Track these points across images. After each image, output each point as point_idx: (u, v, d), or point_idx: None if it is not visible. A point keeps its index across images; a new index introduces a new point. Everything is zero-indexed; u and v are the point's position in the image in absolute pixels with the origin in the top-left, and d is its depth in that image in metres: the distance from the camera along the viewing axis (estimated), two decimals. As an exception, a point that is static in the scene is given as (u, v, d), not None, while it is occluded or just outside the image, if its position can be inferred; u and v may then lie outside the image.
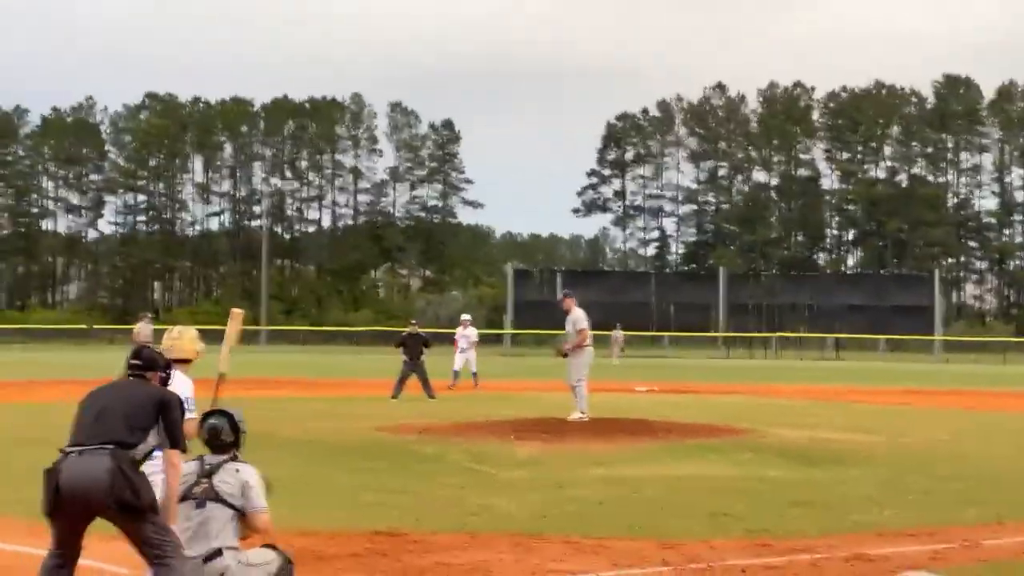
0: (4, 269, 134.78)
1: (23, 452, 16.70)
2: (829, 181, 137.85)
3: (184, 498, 8.08)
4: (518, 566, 9.71)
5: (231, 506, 8.05)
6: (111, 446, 7.47)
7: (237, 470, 8.23)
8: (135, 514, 7.46)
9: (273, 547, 8.25)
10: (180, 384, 8.92)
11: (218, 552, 7.91)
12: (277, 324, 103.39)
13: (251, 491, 8.16)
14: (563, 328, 23.42)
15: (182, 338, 9.48)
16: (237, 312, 10.10)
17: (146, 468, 7.78)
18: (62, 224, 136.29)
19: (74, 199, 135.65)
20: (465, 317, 40.13)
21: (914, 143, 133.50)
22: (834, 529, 11.52)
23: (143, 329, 40.55)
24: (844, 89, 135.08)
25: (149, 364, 8.22)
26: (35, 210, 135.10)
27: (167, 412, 7.85)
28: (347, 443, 19.36)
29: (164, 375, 8.35)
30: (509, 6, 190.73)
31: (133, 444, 7.59)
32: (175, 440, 7.86)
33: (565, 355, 23.17)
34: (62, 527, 7.57)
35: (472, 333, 39.46)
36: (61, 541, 7.60)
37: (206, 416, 8.56)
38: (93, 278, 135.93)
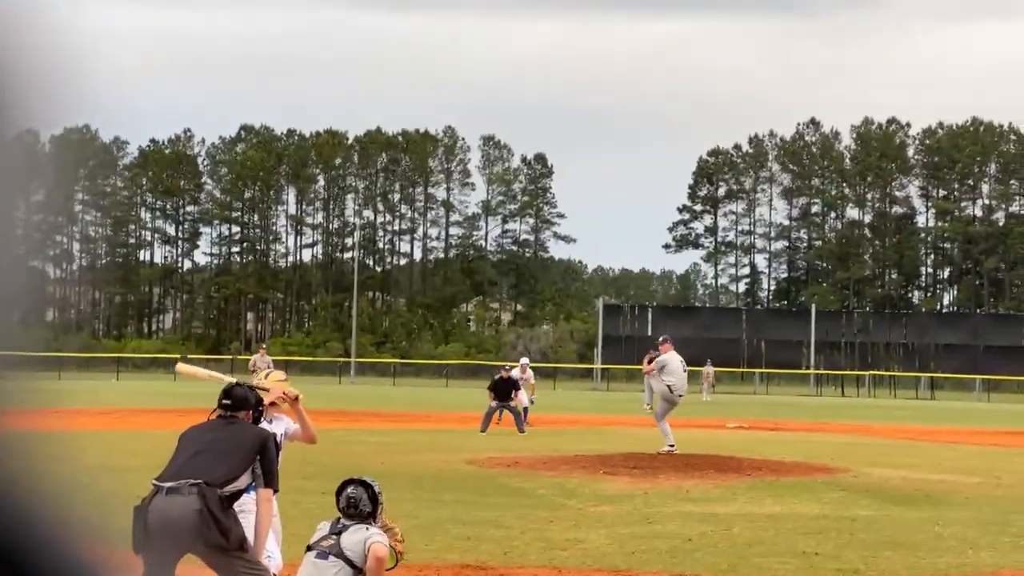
0: (101, 298, 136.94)
1: (112, 479, 16.89)
2: (924, 219, 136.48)
3: (310, 548, 8.19)
4: (606, 602, 9.67)
5: (351, 563, 8.08)
6: (200, 483, 7.54)
7: (367, 528, 8.27)
8: (224, 553, 7.53)
9: None
10: (279, 425, 9.10)
11: None
12: (367, 356, 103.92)
13: (372, 538, 8.18)
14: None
15: (269, 380, 9.55)
16: (180, 366, 9.96)
17: (238, 506, 7.86)
18: (158, 255, 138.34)
19: (171, 230, 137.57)
20: (524, 360, 38.98)
21: (1012, 181, 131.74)
22: (926, 570, 11.37)
23: (259, 362, 40.84)
24: (940, 126, 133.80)
25: (240, 403, 8.27)
26: (132, 240, 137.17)
27: (265, 452, 7.92)
28: (436, 475, 19.41)
29: (256, 413, 8.41)
30: (602, 40, 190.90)
31: (224, 483, 7.64)
32: (269, 478, 7.91)
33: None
34: (152, 562, 7.65)
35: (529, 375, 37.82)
36: (152, 572, 7.68)
37: (344, 485, 8.59)
38: (188, 308, 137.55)
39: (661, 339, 23.80)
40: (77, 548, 3.64)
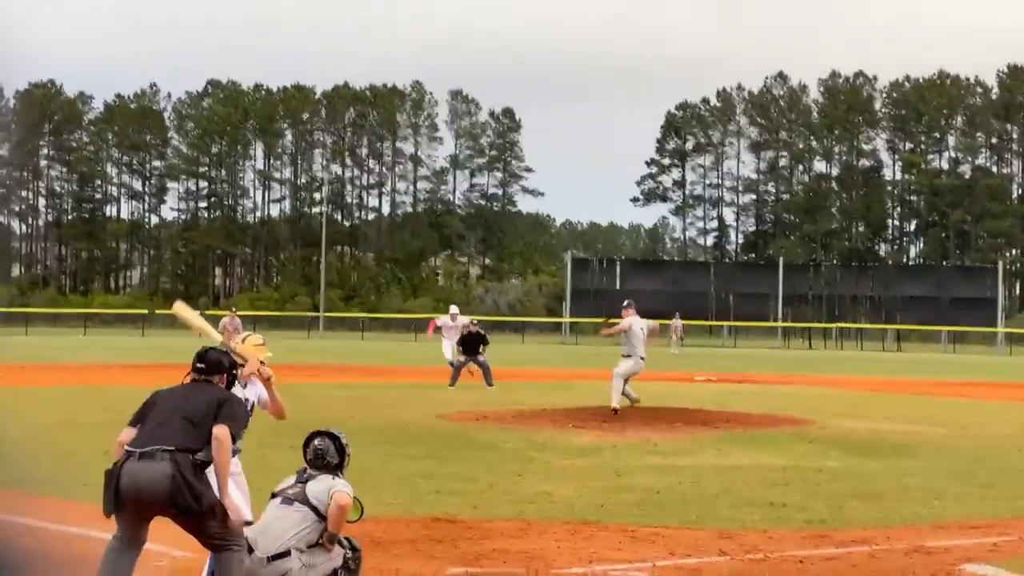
0: (68, 254, 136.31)
1: (85, 435, 16.88)
2: (891, 172, 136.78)
3: (275, 495, 8.25)
4: (575, 554, 9.72)
5: (315, 511, 8.09)
6: (172, 450, 7.52)
7: (333, 478, 8.29)
8: (197, 516, 7.52)
9: (340, 540, 8.26)
10: (252, 391, 9.09)
11: (286, 553, 7.96)
12: (336, 311, 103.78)
13: (336, 487, 8.19)
14: (619, 317, 23.36)
15: (247, 345, 9.41)
16: (178, 305, 9.67)
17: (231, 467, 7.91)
18: (125, 210, 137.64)
19: (137, 185, 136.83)
20: (454, 309, 38.70)
21: (978, 133, 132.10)
22: (893, 521, 11.45)
23: (229, 324, 40.32)
24: (907, 79, 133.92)
25: (214, 367, 8.23)
26: (99, 196, 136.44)
27: (224, 404, 7.85)
28: (405, 430, 19.44)
29: (231, 377, 8.37)
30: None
31: (196, 448, 7.62)
32: (226, 419, 7.77)
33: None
34: (124, 523, 7.65)
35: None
36: (124, 530, 7.68)
37: (312, 437, 8.58)
38: (155, 264, 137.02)
39: (624, 303, 23.62)
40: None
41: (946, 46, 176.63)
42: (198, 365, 8.19)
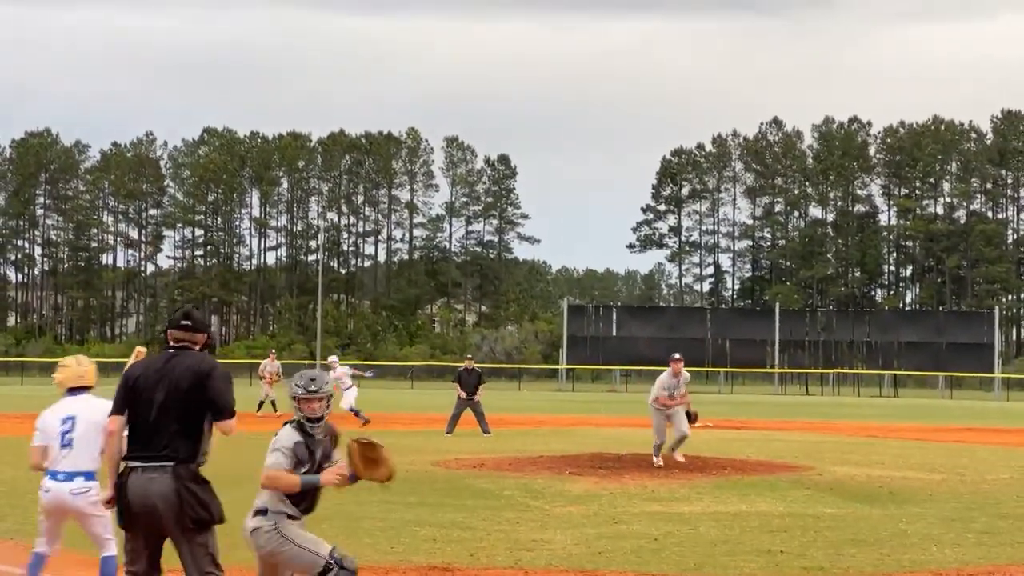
0: (64, 303, 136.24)
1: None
2: (886, 217, 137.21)
3: None
4: (573, 602, 9.67)
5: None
6: (173, 464, 7.51)
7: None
8: (196, 532, 7.52)
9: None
10: (100, 407, 9.03)
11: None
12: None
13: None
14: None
15: (88, 367, 9.65)
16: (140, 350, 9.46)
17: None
18: (121, 258, 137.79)
19: (133, 233, 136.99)
20: (333, 358, 40.21)
21: (973, 179, 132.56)
22: (891, 568, 11.42)
23: (269, 367, 41.30)
24: (902, 124, 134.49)
25: (200, 325, 8.09)
26: (95, 244, 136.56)
27: (207, 385, 7.73)
28: (402, 477, 19.34)
29: (209, 337, 8.21)
30: (565, 43, 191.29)
31: (193, 457, 7.61)
32: (219, 411, 7.75)
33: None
34: (138, 544, 7.62)
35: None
36: (138, 555, 7.65)
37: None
38: (151, 312, 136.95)
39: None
40: None
41: (940, 92, 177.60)
42: (183, 322, 8.02)
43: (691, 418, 22.82)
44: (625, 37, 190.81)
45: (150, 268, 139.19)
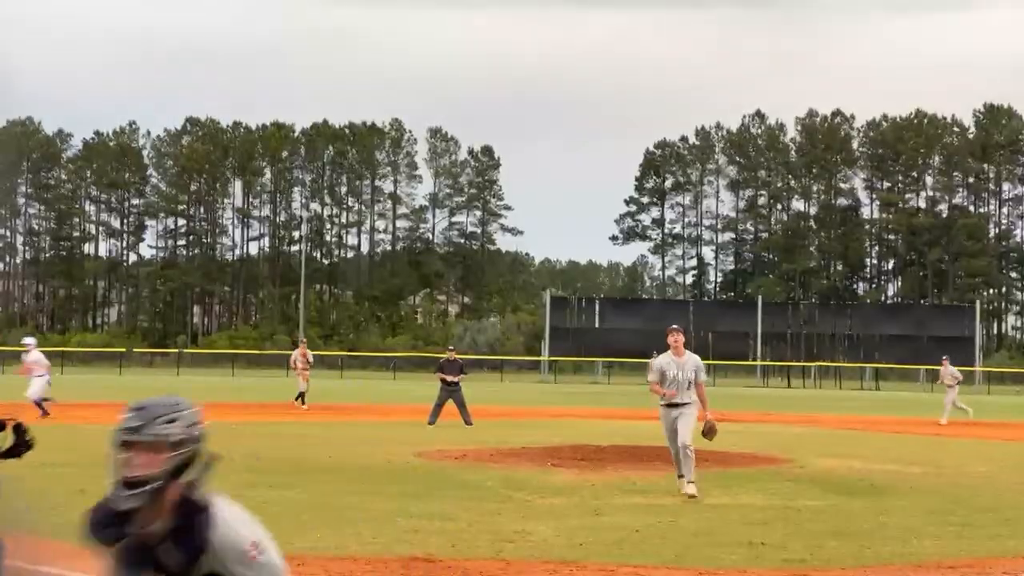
0: (46, 292, 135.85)
1: (59, 475, 16.80)
2: (869, 211, 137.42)
3: None
4: (554, 593, 9.69)
5: None
6: None
7: None
8: None
9: None
10: None
11: None
12: (315, 349, 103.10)
13: None
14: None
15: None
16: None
17: None
18: (103, 248, 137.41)
19: (115, 223, 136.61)
20: (28, 340, 38.63)
21: (955, 173, 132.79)
22: (872, 560, 11.45)
23: (299, 360, 40.90)
24: (885, 118, 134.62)
25: None
26: (77, 234, 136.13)
27: None
28: (384, 468, 19.39)
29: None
30: (549, 33, 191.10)
31: None
32: None
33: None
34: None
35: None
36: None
37: None
38: (133, 302, 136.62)
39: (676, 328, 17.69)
40: None
41: (923, 86, 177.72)
42: None
43: (708, 433, 17.10)
44: (609, 27, 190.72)
45: (132, 258, 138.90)
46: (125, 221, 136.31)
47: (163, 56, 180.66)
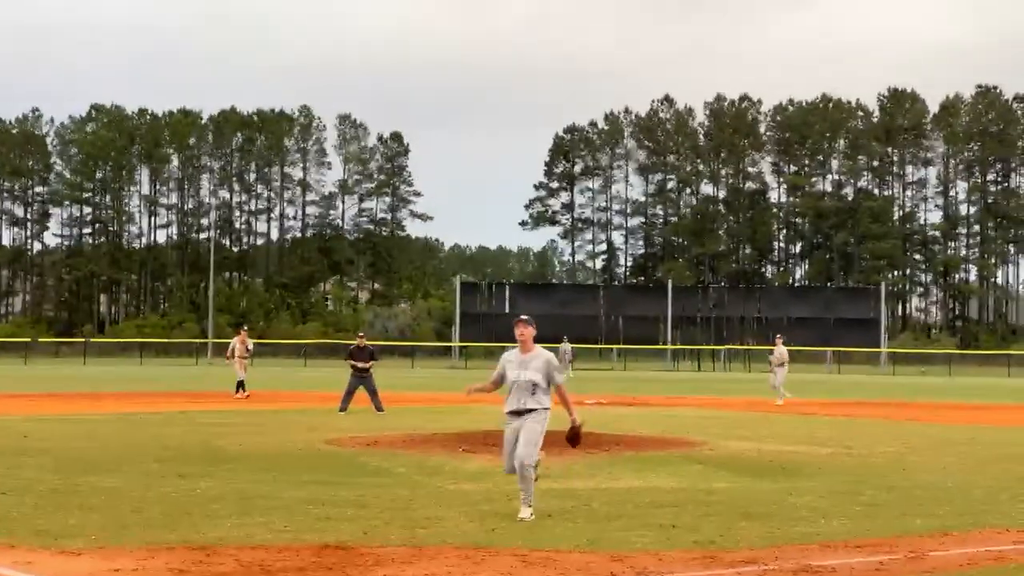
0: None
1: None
2: (776, 194, 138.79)
3: None
4: (467, 579, 9.67)
5: None
6: None
7: None
8: None
9: None
10: None
11: None
12: (224, 337, 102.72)
13: None
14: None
15: None
16: None
17: None
18: (7, 237, 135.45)
19: (19, 211, 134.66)
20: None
21: (860, 156, 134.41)
22: (781, 540, 11.55)
23: (238, 347, 39.22)
24: (791, 102, 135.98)
25: None
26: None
27: None
28: (295, 456, 19.28)
29: None
30: (457, 20, 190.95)
31: None
32: None
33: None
34: None
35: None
36: None
37: None
38: (38, 291, 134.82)
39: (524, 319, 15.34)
40: None
41: (829, 70, 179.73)
42: None
43: (572, 440, 14.37)
44: (518, 13, 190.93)
45: (37, 247, 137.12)
46: (29, 209, 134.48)
47: (68, 42, 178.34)
